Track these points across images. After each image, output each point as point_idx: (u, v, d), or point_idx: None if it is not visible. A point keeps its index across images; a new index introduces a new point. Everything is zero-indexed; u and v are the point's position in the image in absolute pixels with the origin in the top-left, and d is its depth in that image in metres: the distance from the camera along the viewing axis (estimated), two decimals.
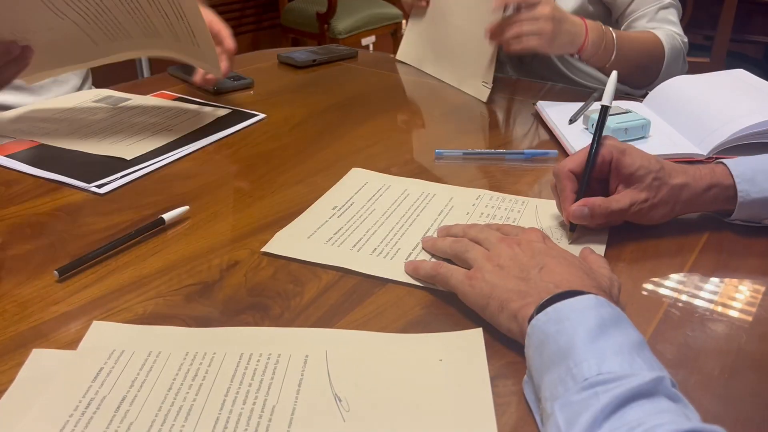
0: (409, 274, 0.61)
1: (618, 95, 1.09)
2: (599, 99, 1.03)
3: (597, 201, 0.66)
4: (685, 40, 1.22)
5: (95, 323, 0.54)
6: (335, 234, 0.68)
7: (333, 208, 0.74)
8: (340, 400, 0.45)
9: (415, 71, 1.27)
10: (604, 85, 0.76)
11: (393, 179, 0.81)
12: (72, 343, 0.52)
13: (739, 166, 0.68)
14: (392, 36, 3.44)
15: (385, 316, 0.56)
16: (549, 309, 0.46)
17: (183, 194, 0.78)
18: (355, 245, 0.66)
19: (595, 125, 0.70)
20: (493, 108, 1.09)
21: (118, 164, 0.83)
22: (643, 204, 0.67)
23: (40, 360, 0.49)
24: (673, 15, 1.23)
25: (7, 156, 0.84)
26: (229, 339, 0.52)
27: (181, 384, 0.47)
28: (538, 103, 1.03)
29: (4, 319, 0.55)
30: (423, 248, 0.66)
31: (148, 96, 1.08)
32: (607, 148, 0.68)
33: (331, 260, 0.63)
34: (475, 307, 0.54)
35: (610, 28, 1.10)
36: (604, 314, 0.45)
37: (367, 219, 0.71)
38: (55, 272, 0.60)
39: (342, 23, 3.06)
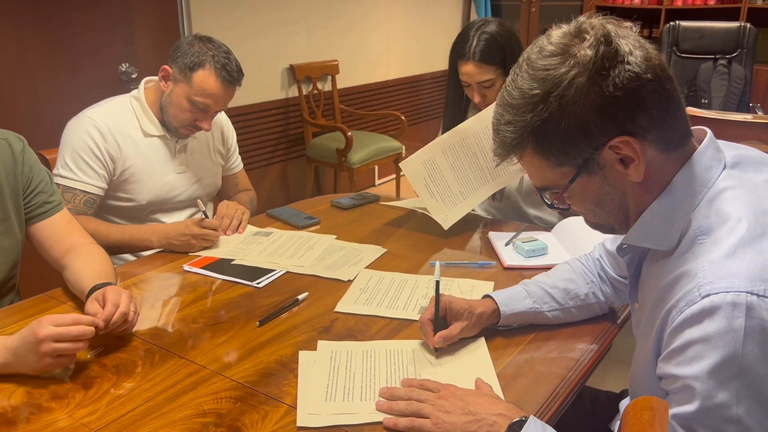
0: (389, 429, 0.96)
1: (537, 227, 1.84)
2: (526, 231, 1.77)
3: (444, 333, 1.15)
4: None
5: (320, 342, 1.24)
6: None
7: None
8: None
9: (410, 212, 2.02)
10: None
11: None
12: (301, 348, 1.23)
13: (498, 297, 1.22)
14: (394, 163, 4.26)
15: None
16: None
17: (300, 286, 1.50)
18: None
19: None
20: (465, 235, 1.83)
21: (265, 271, 1.55)
22: (466, 327, 1.18)
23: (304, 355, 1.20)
24: None
25: (203, 267, 1.57)
26: (360, 345, 1.23)
27: (362, 360, 1.16)
28: (490, 233, 1.77)
29: (249, 340, 1.26)
30: (378, 410, 0.99)
31: (271, 229, 1.83)
32: (442, 302, 1.17)
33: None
34: None
35: None
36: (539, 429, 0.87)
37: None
38: (258, 322, 1.31)
39: (356, 156, 3.88)
